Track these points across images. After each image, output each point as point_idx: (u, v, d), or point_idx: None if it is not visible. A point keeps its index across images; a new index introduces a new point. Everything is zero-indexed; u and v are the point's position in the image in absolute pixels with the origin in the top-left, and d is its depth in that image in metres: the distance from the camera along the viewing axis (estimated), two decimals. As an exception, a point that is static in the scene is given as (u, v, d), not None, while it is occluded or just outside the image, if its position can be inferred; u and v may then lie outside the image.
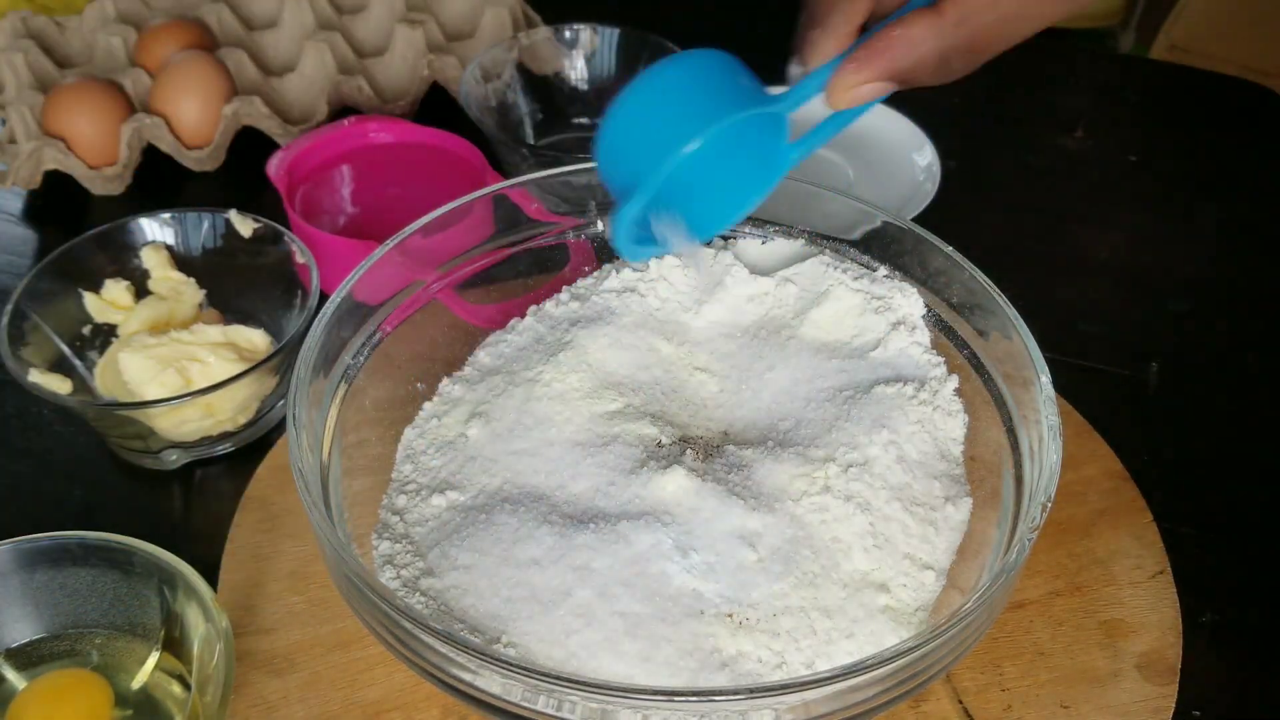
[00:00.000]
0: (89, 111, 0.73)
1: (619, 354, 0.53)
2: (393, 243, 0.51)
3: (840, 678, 0.36)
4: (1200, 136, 0.84)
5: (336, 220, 0.69)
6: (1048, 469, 0.43)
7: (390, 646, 0.41)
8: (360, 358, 0.51)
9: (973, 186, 0.77)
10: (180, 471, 0.57)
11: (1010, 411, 0.48)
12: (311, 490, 0.42)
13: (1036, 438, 0.45)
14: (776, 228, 0.56)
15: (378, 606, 0.39)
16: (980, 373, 0.50)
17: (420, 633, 0.38)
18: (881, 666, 0.37)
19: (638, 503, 0.46)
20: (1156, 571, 0.52)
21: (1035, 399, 0.45)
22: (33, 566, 0.45)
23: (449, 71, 0.80)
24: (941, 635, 0.38)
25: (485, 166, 0.69)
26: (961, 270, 0.50)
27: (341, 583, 0.42)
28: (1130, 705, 0.47)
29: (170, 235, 0.63)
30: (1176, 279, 0.71)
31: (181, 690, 0.45)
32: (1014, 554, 0.40)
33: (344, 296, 0.49)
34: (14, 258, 0.70)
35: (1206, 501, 0.57)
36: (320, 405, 0.47)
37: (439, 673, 0.39)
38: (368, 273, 0.50)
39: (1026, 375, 0.46)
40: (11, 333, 0.55)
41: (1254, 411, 0.62)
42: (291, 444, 0.43)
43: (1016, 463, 0.47)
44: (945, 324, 0.52)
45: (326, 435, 0.47)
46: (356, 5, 0.86)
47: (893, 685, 0.39)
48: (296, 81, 0.80)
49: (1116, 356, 0.65)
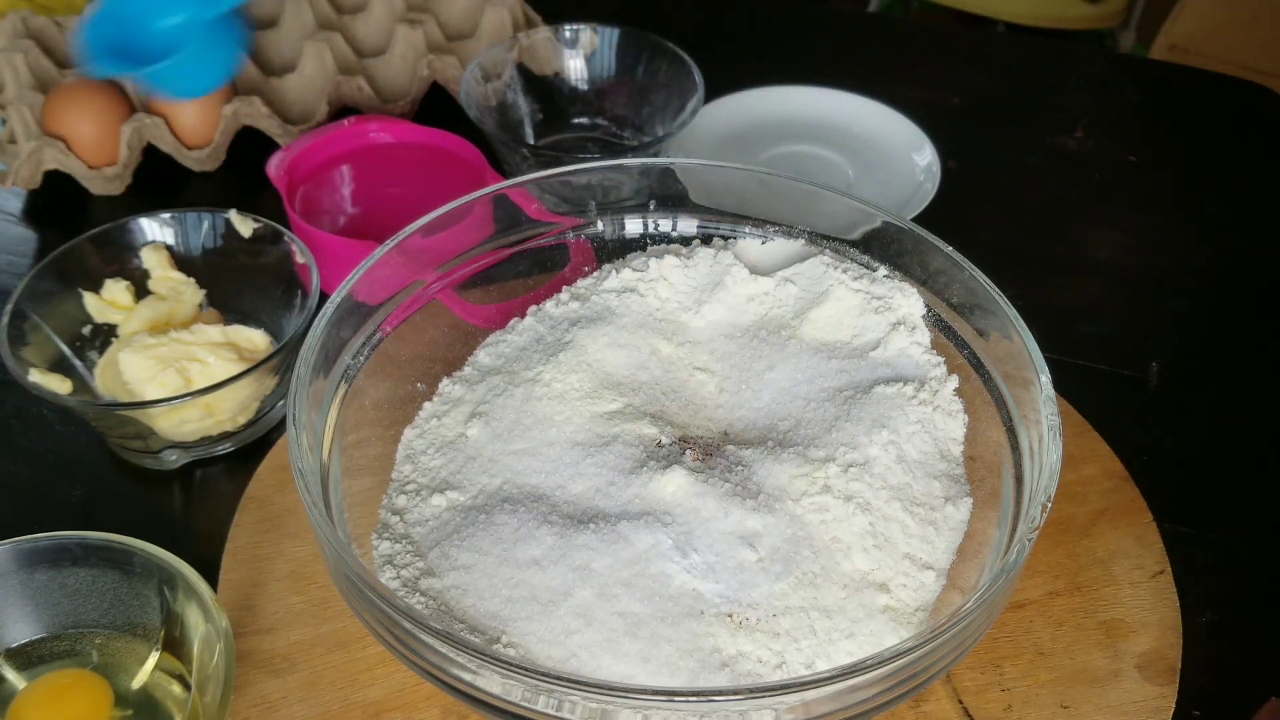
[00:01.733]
0: (89, 111, 0.72)
1: (619, 354, 0.53)
2: (393, 243, 0.51)
3: (840, 678, 0.36)
4: (1200, 136, 0.84)
5: (336, 220, 0.69)
6: (1048, 469, 0.43)
7: (390, 646, 0.41)
8: (360, 358, 0.51)
9: (973, 186, 0.77)
10: (180, 471, 0.57)
11: (1010, 411, 0.48)
12: (311, 490, 0.42)
13: (1036, 438, 0.45)
14: (776, 228, 0.56)
15: (378, 606, 0.39)
16: (980, 373, 0.50)
17: (420, 633, 0.38)
18: (881, 666, 0.37)
19: (638, 503, 0.46)
20: (1156, 571, 0.52)
21: (1035, 399, 0.45)
22: (33, 566, 0.45)
23: (449, 71, 0.80)
24: (941, 635, 0.38)
25: (485, 166, 0.69)
26: (961, 270, 0.50)
27: (341, 583, 0.42)
28: (1130, 705, 0.47)
29: (170, 235, 0.63)
30: (1176, 279, 0.71)
31: (181, 690, 0.45)
32: (1014, 554, 0.40)
33: (344, 296, 0.49)
34: (14, 258, 0.70)
35: (1206, 501, 0.57)
36: (320, 405, 0.47)
37: (439, 673, 0.39)
38: (368, 273, 0.50)
39: (1026, 375, 0.46)
40: (11, 333, 0.55)
41: (1254, 411, 0.62)
42: (291, 444, 0.43)
43: (1016, 463, 0.47)
44: (945, 324, 0.52)
45: (326, 435, 0.47)
46: (356, 5, 0.86)
47: (893, 685, 0.39)
48: (296, 81, 0.80)
49: (1116, 356, 0.65)
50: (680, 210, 0.57)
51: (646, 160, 0.57)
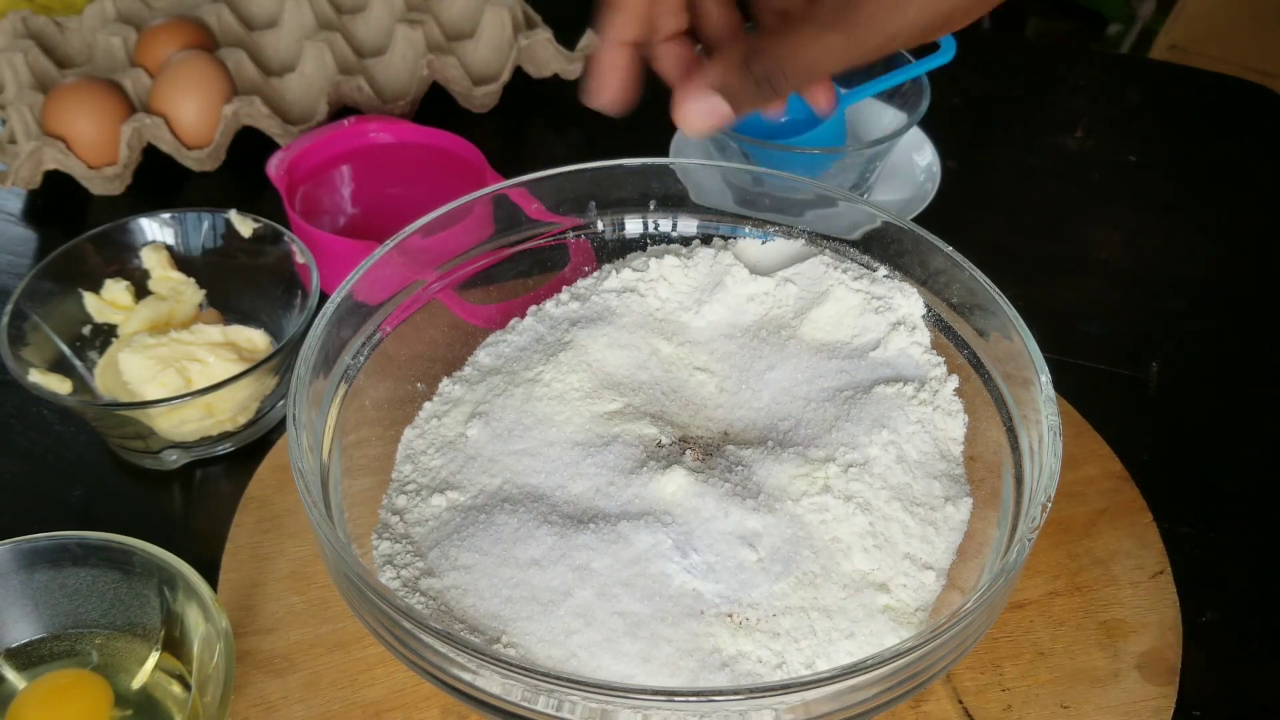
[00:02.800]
0: (89, 111, 0.72)
1: (619, 354, 0.53)
2: (393, 243, 0.51)
3: (840, 678, 0.36)
4: (1200, 136, 0.84)
5: (336, 220, 0.69)
6: (1048, 469, 0.43)
7: (390, 646, 0.41)
8: (360, 358, 0.51)
9: (973, 186, 0.77)
10: (180, 471, 0.57)
11: (1010, 412, 0.48)
12: (311, 490, 0.42)
13: (1036, 438, 0.45)
14: (776, 228, 0.56)
15: (378, 607, 0.39)
16: (980, 373, 0.50)
17: (420, 633, 0.38)
18: (881, 666, 0.37)
19: (638, 503, 0.46)
20: (1156, 571, 0.52)
21: (1035, 399, 0.45)
22: (33, 566, 0.45)
23: (449, 71, 0.80)
24: (941, 635, 0.38)
25: (485, 166, 0.69)
26: (961, 270, 0.50)
27: (342, 583, 0.42)
28: (1130, 705, 0.47)
29: (170, 235, 0.63)
30: (1176, 279, 0.71)
31: (181, 690, 0.45)
32: (1014, 554, 0.40)
33: (344, 296, 0.49)
34: (14, 258, 0.70)
35: (1206, 501, 0.57)
36: (320, 405, 0.47)
37: (439, 673, 0.39)
38: (368, 273, 0.50)
39: (1026, 375, 0.46)
40: (11, 333, 0.55)
41: (1254, 411, 0.62)
42: (291, 444, 0.43)
43: (1016, 463, 0.47)
44: (945, 324, 0.52)
45: (326, 435, 0.47)
46: (356, 5, 0.86)
47: (893, 685, 0.38)
48: (296, 81, 0.80)
49: (1116, 356, 0.65)
50: (680, 210, 0.57)
51: (647, 160, 0.56)
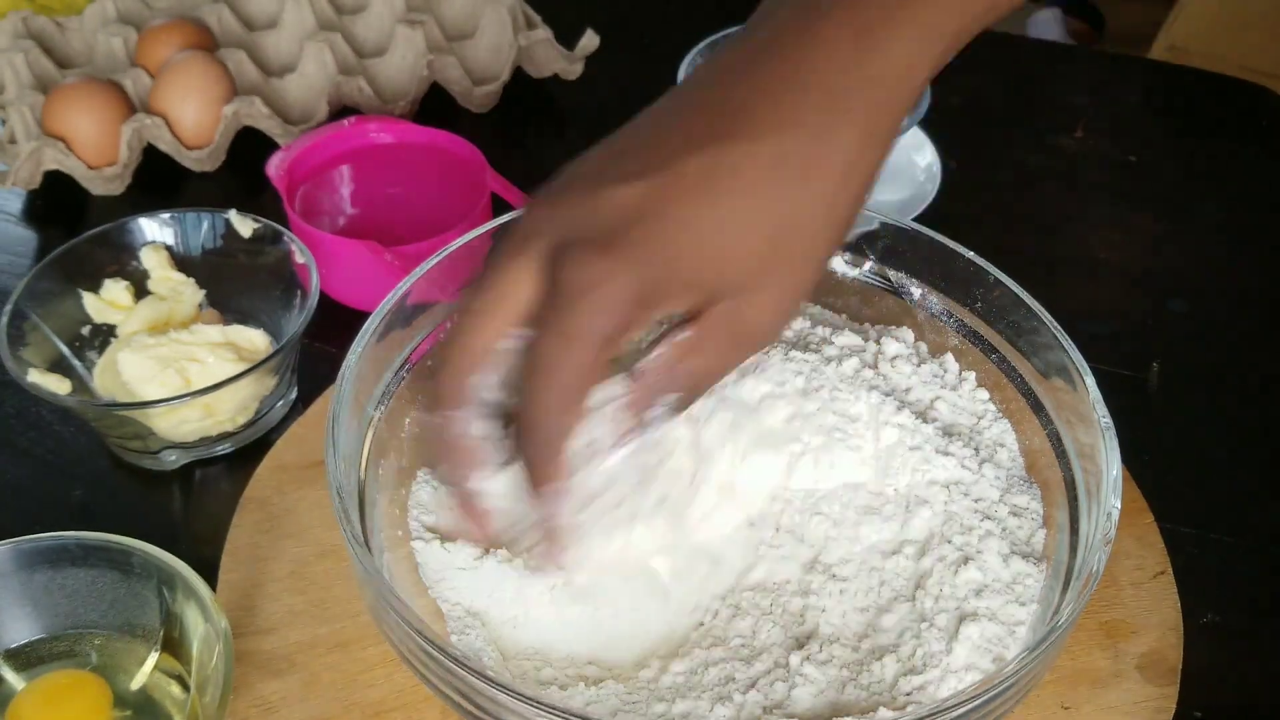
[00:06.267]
0: (89, 111, 0.72)
1: None
2: (433, 261, 0.50)
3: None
4: (1200, 136, 0.84)
5: (336, 220, 0.69)
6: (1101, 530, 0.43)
7: (421, 676, 0.41)
8: (401, 377, 0.50)
9: (973, 186, 0.77)
10: (180, 471, 0.57)
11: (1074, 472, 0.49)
12: (351, 517, 0.42)
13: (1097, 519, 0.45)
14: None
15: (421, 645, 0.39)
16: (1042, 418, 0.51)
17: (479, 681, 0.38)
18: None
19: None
20: (1157, 572, 0.52)
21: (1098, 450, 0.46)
22: (32, 566, 0.45)
23: (449, 71, 0.80)
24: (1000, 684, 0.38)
25: (485, 166, 0.69)
26: (987, 274, 0.52)
27: (373, 604, 0.42)
28: (1131, 706, 0.47)
29: (170, 235, 0.63)
30: (1176, 279, 0.71)
31: (181, 691, 0.44)
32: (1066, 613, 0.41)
33: (389, 310, 0.48)
34: (14, 258, 0.70)
35: (1206, 501, 0.57)
36: (358, 426, 0.47)
37: (461, 699, 0.39)
38: (410, 288, 0.49)
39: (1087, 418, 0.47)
40: (11, 333, 0.55)
41: (1254, 411, 0.62)
42: (329, 468, 0.43)
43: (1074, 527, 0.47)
44: (968, 328, 0.52)
45: (363, 455, 0.47)
46: (356, 5, 0.86)
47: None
48: (296, 81, 0.79)
49: (1116, 356, 0.65)
50: None
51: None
